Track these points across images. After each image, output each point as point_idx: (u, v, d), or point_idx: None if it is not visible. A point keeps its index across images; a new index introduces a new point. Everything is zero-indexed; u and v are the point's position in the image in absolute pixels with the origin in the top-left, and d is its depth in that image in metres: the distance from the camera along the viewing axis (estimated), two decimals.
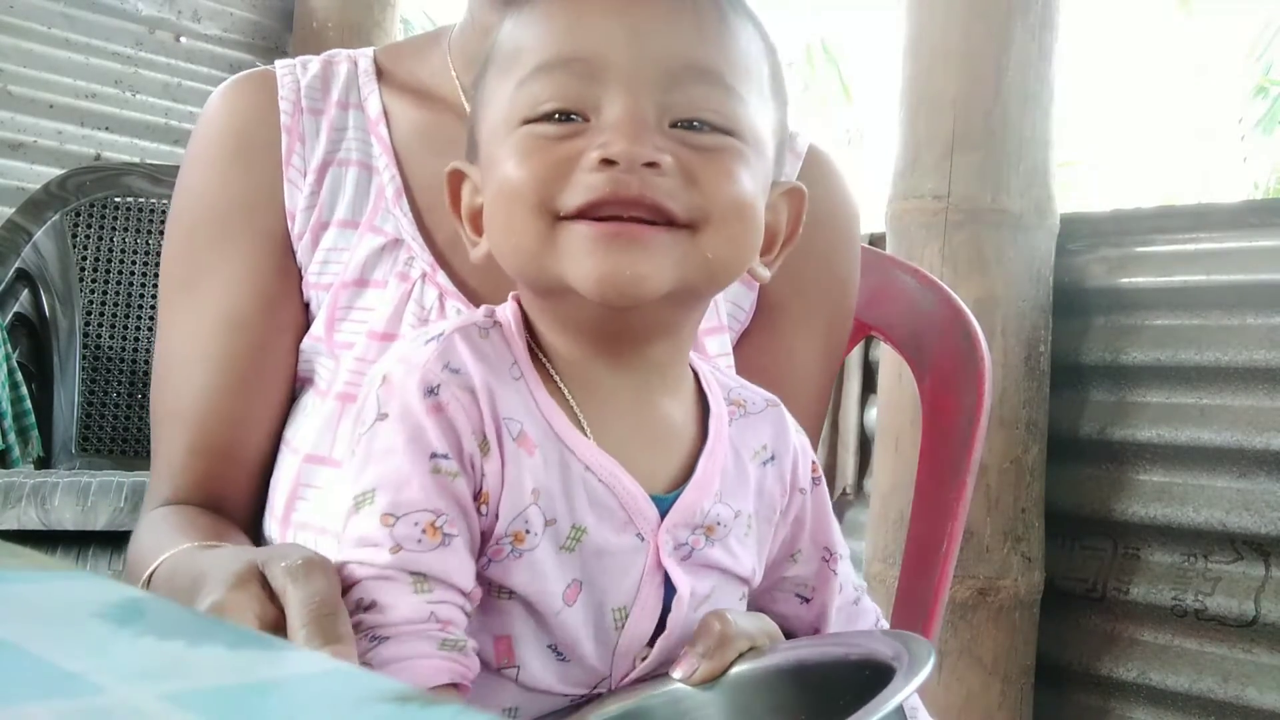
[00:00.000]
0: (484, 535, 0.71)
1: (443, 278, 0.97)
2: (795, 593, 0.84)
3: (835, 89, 11.73)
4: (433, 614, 0.67)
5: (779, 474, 0.81)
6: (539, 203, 0.69)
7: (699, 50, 0.72)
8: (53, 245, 2.76)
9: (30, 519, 2.10)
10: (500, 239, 0.74)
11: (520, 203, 0.70)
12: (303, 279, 1.00)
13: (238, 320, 0.98)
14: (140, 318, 2.83)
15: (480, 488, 0.70)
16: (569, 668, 0.74)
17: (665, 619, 0.74)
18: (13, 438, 2.58)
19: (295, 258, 1.00)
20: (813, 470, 0.83)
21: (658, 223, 0.69)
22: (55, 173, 2.99)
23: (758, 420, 0.81)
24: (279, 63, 1.05)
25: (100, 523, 1.97)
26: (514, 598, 0.72)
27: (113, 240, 2.84)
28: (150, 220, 2.83)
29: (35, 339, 2.76)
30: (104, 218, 2.83)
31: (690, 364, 0.80)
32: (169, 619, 0.42)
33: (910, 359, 1.29)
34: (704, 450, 0.76)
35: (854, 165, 10.24)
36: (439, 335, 0.73)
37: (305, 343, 0.99)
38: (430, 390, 0.69)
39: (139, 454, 2.72)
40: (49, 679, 0.34)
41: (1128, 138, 11.63)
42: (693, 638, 0.75)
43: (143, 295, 2.84)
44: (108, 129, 3.77)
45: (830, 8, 11.29)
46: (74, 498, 1.98)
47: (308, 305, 1.00)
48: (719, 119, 0.72)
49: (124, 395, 2.80)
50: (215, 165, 1.02)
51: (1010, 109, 2.23)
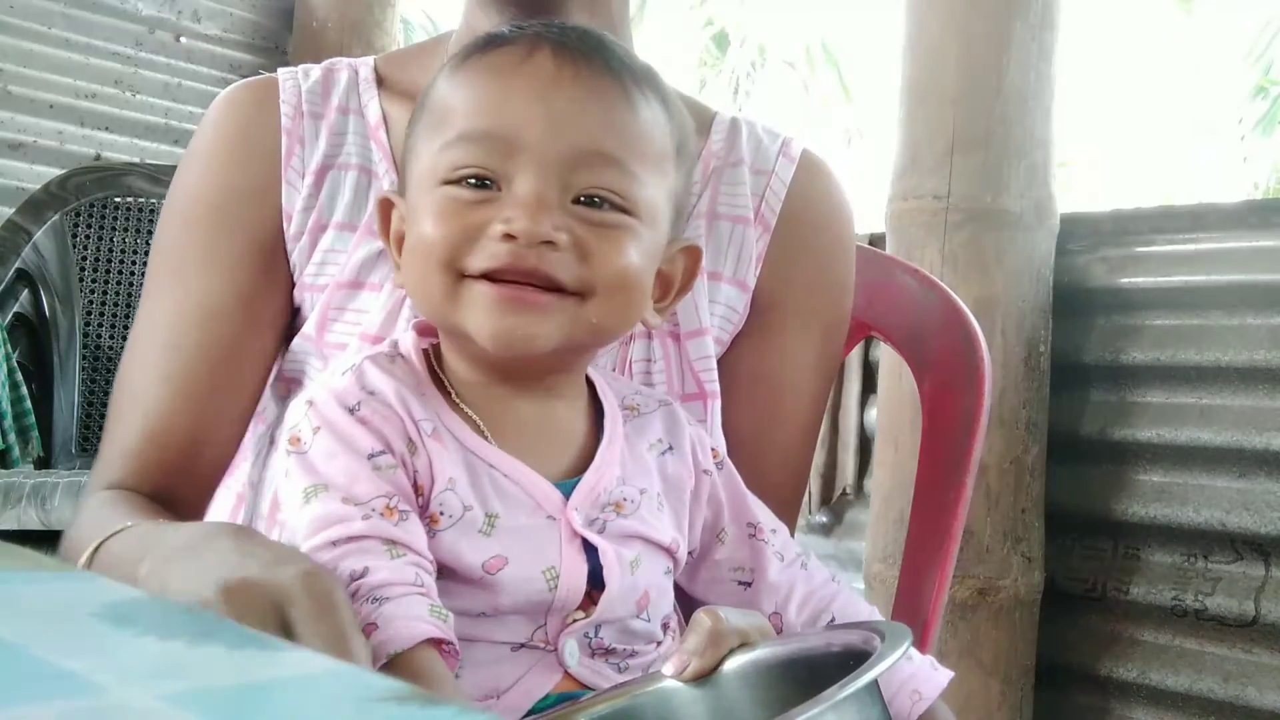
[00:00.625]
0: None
1: None
2: (735, 580, 0.89)
3: (835, 89, 11.74)
4: (417, 575, 0.72)
5: (680, 460, 0.89)
6: (448, 261, 0.79)
7: (603, 137, 0.81)
8: (53, 245, 2.76)
9: (30, 519, 2.10)
10: (413, 285, 0.84)
11: (432, 258, 0.79)
12: (293, 280, 1.01)
13: (214, 311, 0.98)
14: None
15: (415, 481, 0.78)
16: (501, 622, 0.79)
17: (603, 577, 0.81)
18: (13, 438, 2.58)
19: (286, 258, 1.01)
20: (713, 455, 0.92)
21: (550, 289, 0.78)
22: (55, 173, 2.99)
23: (651, 418, 0.90)
24: (282, 70, 1.06)
25: None
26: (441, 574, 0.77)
27: (113, 240, 2.84)
28: (150, 220, 2.83)
29: (35, 339, 2.76)
30: (104, 218, 2.83)
31: (587, 375, 0.89)
32: (169, 619, 0.42)
33: (910, 359, 1.29)
34: (600, 445, 0.85)
35: (854, 165, 10.26)
36: (352, 366, 0.82)
37: (296, 343, 1.00)
38: (351, 409, 0.78)
39: None
40: (49, 679, 0.34)
41: (1127, 137, 11.64)
42: (684, 634, 0.77)
43: None
44: (108, 129, 3.77)
45: (830, 8, 11.31)
46: (74, 498, 1.98)
47: (299, 308, 1.01)
48: (616, 199, 0.80)
49: None
50: (213, 161, 1.03)
51: (1010, 109, 2.22)
